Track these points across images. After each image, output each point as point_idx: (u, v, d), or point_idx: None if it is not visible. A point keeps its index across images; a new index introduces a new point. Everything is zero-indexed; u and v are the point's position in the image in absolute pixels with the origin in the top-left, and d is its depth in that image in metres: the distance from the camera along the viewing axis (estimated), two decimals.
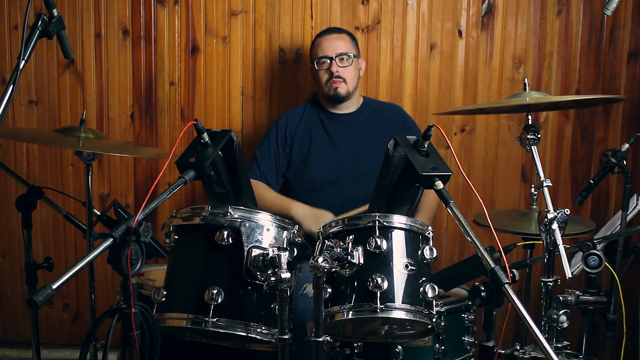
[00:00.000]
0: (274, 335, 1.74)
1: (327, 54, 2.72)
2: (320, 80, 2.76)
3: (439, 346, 2.08)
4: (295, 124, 2.85)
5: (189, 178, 1.73)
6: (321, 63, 2.73)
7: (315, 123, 2.84)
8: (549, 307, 1.91)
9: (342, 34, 2.80)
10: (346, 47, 2.74)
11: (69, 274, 1.37)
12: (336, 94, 2.74)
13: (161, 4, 3.09)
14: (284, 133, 2.83)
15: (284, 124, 2.85)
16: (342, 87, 2.73)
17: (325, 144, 2.81)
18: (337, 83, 2.72)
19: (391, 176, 1.85)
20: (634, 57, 3.08)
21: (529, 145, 1.99)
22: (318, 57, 2.74)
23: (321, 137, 2.82)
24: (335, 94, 2.74)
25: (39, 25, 1.57)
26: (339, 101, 2.78)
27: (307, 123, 2.84)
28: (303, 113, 2.87)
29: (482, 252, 1.56)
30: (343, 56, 2.71)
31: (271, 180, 2.81)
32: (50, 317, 3.30)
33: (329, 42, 2.74)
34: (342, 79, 2.72)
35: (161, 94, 3.14)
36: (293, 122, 2.85)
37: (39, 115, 3.17)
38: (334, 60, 2.70)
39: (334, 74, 2.71)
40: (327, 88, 2.74)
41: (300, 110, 2.89)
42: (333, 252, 1.67)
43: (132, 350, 1.47)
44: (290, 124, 2.84)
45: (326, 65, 2.72)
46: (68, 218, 2.38)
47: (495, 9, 3.07)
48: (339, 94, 2.74)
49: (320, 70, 2.74)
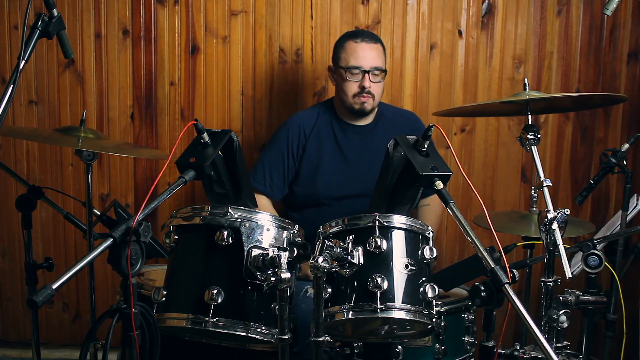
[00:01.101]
0: (274, 335, 1.74)
1: (362, 65, 2.52)
2: (346, 90, 2.57)
3: (439, 346, 2.08)
4: (308, 132, 2.67)
5: (189, 178, 1.73)
6: (353, 73, 2.53)
7: (328, 133, 2.68)
8: (549, 307, 1.91)
9: (378, 43, 2.60)
10: (381, 59, 2.57)
11: (69, 274, 1.37)
12: (362, 108, 2.58)
13: (161, 4, 3.09)
14: (297, 141, 2.66)
15: (296, 130, 2.67)
16: (370, 102, 2.57)
17: (336, 157, 2.66)
18: (365, 98, 2.55)
19: (391, 176, 1.85)
20: (634, 57, 3.08)
21: (529, 145, 1.99)
22: (350, 65, 2.54)
23: (332, 150, 2.66)
24: (361, 108, 2.58)
25: (39, 25, 1.57)
26: (361, 115, 2.64)
27: (320, 132, 2.67)
28: (315, 123, 2.69)
29: (482, 252, 1.56)
30: (377, 71, 2.54)
31: (276, 190, 2.67)
32: (50, 317, 3.30)
33: (365, 52, 2.54)
34: (372, 95, 2.56)
35: (161, 94, 3.14)
36: (306, 130, 2.67)
37: (39, 115, 3.17)
38: (368, 74, 2.53)
39: (365, 89, 2.53)
40: (354, 101, 2.57)
41: (312, 116, 2.71)
42: (333, 252, 1.67)
43: (132, 350, 1.47)
44: (302, 131, 2.67)
45: (358, 77, 2.53)
46: (68, 218, 2.38)
47: (495, 9, 3.07)
48: (365, 109, 2.59)
49: (350, 81, 2.54)
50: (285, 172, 2.66)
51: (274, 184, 2.66)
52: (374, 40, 2.59)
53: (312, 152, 2.66)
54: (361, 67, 2.53)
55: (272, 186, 2.67)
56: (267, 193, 2.67)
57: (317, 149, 2.66)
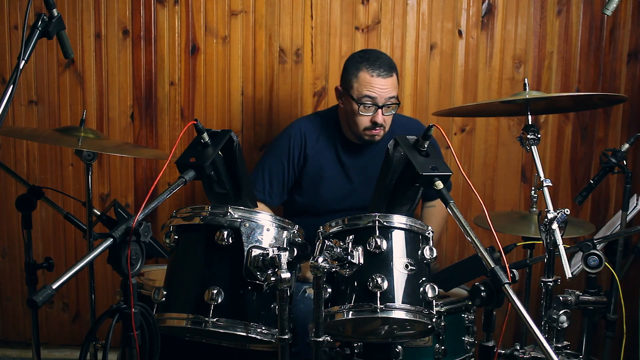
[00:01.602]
0: (274, 335, 1.74)
1: (376, 99, 2.39)
2: (357, 123, 2.45)
3: (439, 346, 2.08)
4: (311, 143, 2.58)
5: (189, 178, 1.73)
6: (365, 107, 2.40)
7: (330, 148, 2.59)
8: (549, 307, 1.91)
9: (393, 73, 2.43)
10: (395, 90, 2.43)
11: (69, 274, 1.37)
12: (371, 140, 2.48)
13: (161, 4, 3.09)
14: (298, 150, 2.58)
15: (298, 139, 2.58)
16: (380, 134, 2.46)
17: (338, 174, 2.59)
18: (377, 132, 2.44)
19: (391, 176, 1.85)
20: (634, 57, 3.08)
21: (529, 145, 1.99)
22: (363, 96, 2.39)
23: (334, 166, 2.59)
24: (370, 140, 2.48)
25: (39, 25, 1.57)
26: (369, 145, 2.53)
27: (322, 146, 2.59)
28: (319, 134, 2.60)
29: (482, 252, 1.57)
30: (391, 104, 2.41)
31: (275, 198, 2.61)
32: (50, 317, 3.30)
33: (381, 85, 2.38)
34: (383, 128, 2.45)
35: (161, 94, 3.14)
36: (308, 140, 2.58)
37: (39, 115, 3.17)
38: (382, 108, 2.40)
39: (378, 124, 2.42)
40: (364, 134, 2.46)
41: (315, 128, 2.61)
42: (333, 252, 1.67)
43: (132, 350, 1.47)
44: (304, 141, 2.58)
45: (370, 111, 2.40)
46: (68, 218, 2.38)
47: (495, 9, 3.07)
48: (374, 141, 2.49)
49: (362, 115, 2.42)
50: (286, 181, 2.61)
51: (273, 192, 2.61)
52: (390, 72, 2.42)
53: (313, 164, 2.59)
54: (375, 102, 2.40)
55: (272, 194, 2.61)
56: (265, 201, 2.61)
57: (319, 162, 2.59)
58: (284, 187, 2.62)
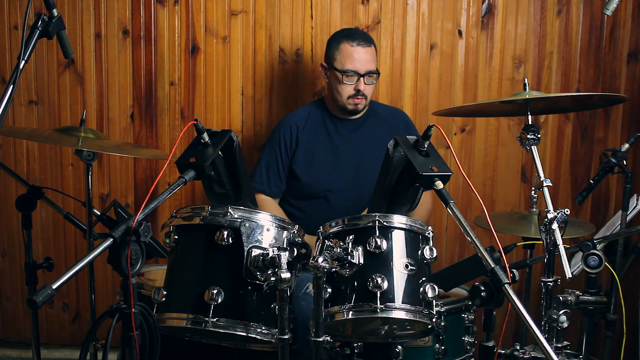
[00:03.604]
0: (274, 335, 1.74)
1: (358, 69, 2.59)
2: (341, 92, 2.64)
3: (439, 346, 2.08)
4: (300, 131, 2.75)
5: (189, 178, 1.73)
6: (348, 76, 2.60)
7: (320, 129, 2.76)
8: (549, 307, 1.91)
9: (372, 45, 2.65)
10: (374, 61, 2.65)
11: (69, 274, 1.37)
12: (355, 109, 2.68)
13: (161, 4, 3.09)
14: (289, 138, 2.75)
15: (288, 129, 2.76)
16: (362, 103, 2.66)
17: (327, 151, 2.74)
18: (359, 100, 2.64)
19: (391, 176, 1.85)
20: (634, 57, 3.08)
21: (529, 145, 1.99)
22: (346, 69, 2.59)
23: (324, 145, 2.75)
24: (354, 109, 2.68)
25: (39, 25, 1.56)
26: (354, 114, 2.73)
27: (311, 129, 2.76)
28: (307, 119, 2.78)
29: (482, 252, 1.57)
30: (372, 74, 2.62)
31: (274, 188, 2.75)
32: (50, 317, 3.30)
33: (361, 56, 2.60)
34: (365, 96, 2.64)
35: (161, 94, 3.14)
36: (298, 127, 2.76)
37: (39, 115, 3.17)
38: (363, 77, 2.60)
39: (360, 92, 2.62)
40: (348, 102, 2.65)
41: (303, 115, 2.80)
42: (333, 252, 1.67)
43: (132, 350, 1.47)
44: (295, 129, 2.75)
45: (353, 80, 2.60)
46: (68, 218, 2.38)
47: (495, 9, 3.07)
48: (358, 110, 2.69)
49: (345, 83, 2.61)
50: (280, 169, 2.75)
51: (270, 182, 2.75)
52: (369, 43, 2.64)
53: (305, 149, 2.74)
54: (357, 71, 2.59)
55: (270, 184, 2.75)
56: (264, 191, 2.75)
57: (310, 146, 2.74)
58: (280, 176, 2.75)
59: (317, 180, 2.72)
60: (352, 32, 2.70)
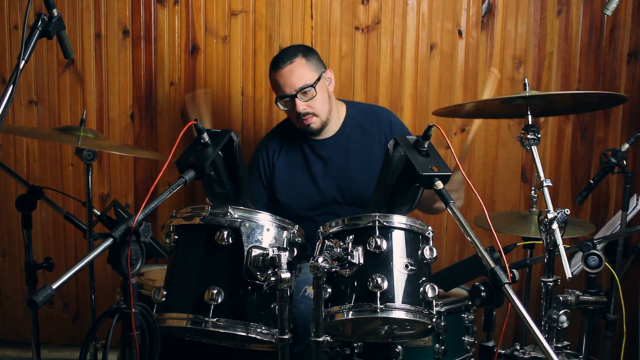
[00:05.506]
0: (274, 335, 1.74)
1: (287, 92, 2.45)
2: (291, 118, 2.56)
3: (439, 346, 2.08)
4: (276, 156, 2.65)
5: (189, 178, 1.73)
6: (285, 102, 2.48)
7: (295, 152, 2.64)
8: (549, 307, 1.90)
9: (294, 60, 2.46)
10: (304, 76, 2.45)
11: (69, 274, 1.37)
12: (310, 130, 2.53)
13: (161, 4, 3.09)
14: (265, 165, 2.65)
15: (264, 156, 2.66)
16: (315, 121, 2.51)
17: (305, 175, 2.62)
18: (307, 120, 2.49)
19: (391, 176, 1.85)
20: (634, 57, 3.08)
21: (529, 145, 1.99)
22: (279, 96, 2.49)
23: (301, 168, 2.63)
24: (310, 130, 2.53)
25: (39, 25, 1.56)
26: (316, 134, 2.58)
27: (287, 153, 2.65)
28: (282, 142, 2.66)
29: (482, 252, 1.57)
30: (305, 89, 2.44)
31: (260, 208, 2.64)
32: (50, 317, 3.30)
33: (285, 78, 2.45)
34: (312, 114, 2.48)
35: (161, 94, 3.14)
36: (272, 154, 2.66)
37: (39, 115, 3.17)
38: (297, 98, 2.44)
39: (302, 113, 2.46)
40: (300, 126, 2.53)
41: (278, 137, 2.69)
42: (333, 252, 1.67)
43: (132, 350, 1.47)
44: (270, 156, 2.65)
45: (290, 105, 2.47)
46: (68, 218, 2.38)
47: (495, 9, 3.07)
48: (313, 130, 2.53)
49: (286, 109, 2.51)
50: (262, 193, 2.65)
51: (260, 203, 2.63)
52: (290, 60, 2.47)
53: (281, 174, 2.63)
54: (287, 95, 2.46)
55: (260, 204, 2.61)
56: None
57: (286, 170, 2.64)
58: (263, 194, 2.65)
59: (298, 207, 2.60)
60: (275, 59, 2.53)
